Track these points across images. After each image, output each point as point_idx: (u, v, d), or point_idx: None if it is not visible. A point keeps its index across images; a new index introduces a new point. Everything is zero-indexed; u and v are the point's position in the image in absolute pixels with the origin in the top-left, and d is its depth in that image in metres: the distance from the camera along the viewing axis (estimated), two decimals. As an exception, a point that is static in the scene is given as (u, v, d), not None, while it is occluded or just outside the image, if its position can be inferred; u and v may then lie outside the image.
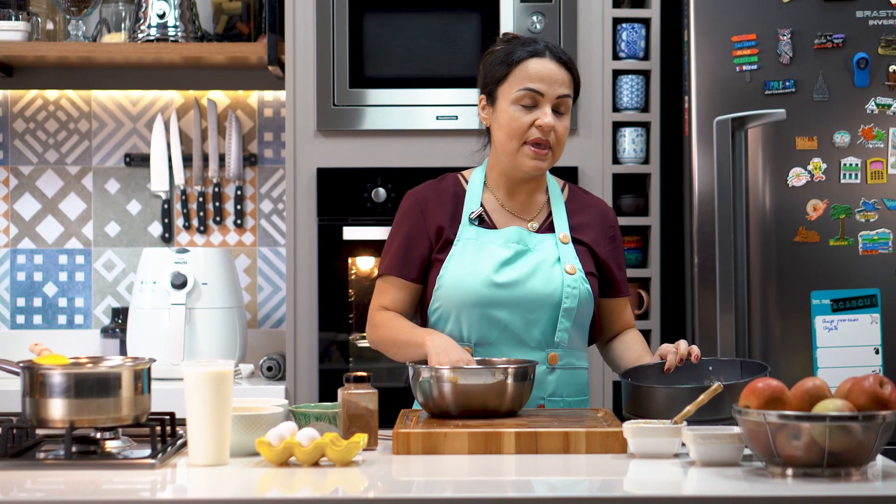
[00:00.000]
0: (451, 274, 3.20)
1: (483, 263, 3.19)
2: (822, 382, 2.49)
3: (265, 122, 4.91)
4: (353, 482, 2.50)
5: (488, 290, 3.17)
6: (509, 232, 3.23)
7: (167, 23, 4.60)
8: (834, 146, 4.12)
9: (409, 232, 3.28)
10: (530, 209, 3.30)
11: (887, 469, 2.56)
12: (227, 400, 2.62)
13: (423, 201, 3.29)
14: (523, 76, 3.19)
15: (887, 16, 4.12)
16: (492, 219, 3.27)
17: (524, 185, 3.28)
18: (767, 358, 4.11)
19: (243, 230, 4.91)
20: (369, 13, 4.33)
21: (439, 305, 3.22)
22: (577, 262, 3.22)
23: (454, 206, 3.28)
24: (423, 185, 3.35)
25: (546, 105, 3.17)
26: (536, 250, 3.22)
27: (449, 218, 3.26)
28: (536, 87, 3.17)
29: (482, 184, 3.31)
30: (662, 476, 2.54)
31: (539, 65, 3.19)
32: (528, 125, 3.17)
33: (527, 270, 3.19)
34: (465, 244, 3.22)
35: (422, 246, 3.26)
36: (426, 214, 3.27)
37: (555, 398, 3.20)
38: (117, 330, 4.68)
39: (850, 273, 4.12)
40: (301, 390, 4.32)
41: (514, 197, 3.29)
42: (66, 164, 4.89)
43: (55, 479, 2.51)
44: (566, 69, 3.21)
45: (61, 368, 2.65)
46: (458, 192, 3.31)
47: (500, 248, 3.21)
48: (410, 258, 3.26)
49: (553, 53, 3.21)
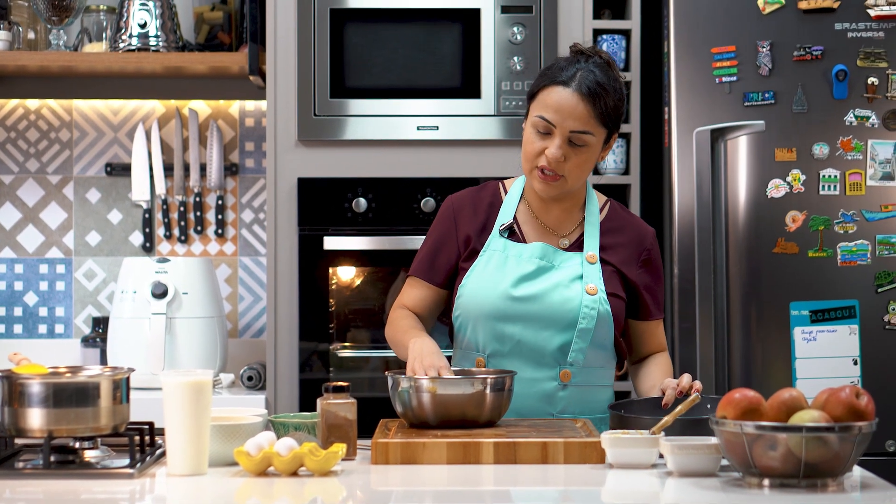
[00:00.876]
0: (471, 284, 3.19)
1: (504, 277, 3.17)
2: (798, 393, 2.50)
3: (246, 131, 4.91)
4: (331, 492, 2.50)
5: (504, 304, 3.15)
6: (535, 247, 3.19)
7: (148, 32, 4.60)
8: (813, 158, 4.14)
9: (440, 237, 3.27)
10: (565, 225, 3.24)
11: (864, 480, 2.57)
12: (206, 410, 2.62)
13: (458, 208, 3.28)
14: (543, 103, 3.10)
15: (866, 28, 4.14)
16: (523, 231, 3.24)
17: (558, 201, 3.23)
18: (747, 368, 4.12)
19: (224, 240, 4.91)
20: (350, 23, 4.34)
21: (459, 314, 3.22)
22: (601, 283, 3.17)
23: (487, 215, 3.26)
24: (464, 191, 3.32)
25: (557, 136, 3.08)
26: (561, 268, 3.18)
27: (479, 228, 3.24)
28: (549, 118, 3.08)
29: (520, 195, 3.27)
30: (640, 486, 2.54)
31: (559, 95, 3.08)
32: (539, 152, 3.11)
33: (546, 287, 3.16)
34: (490, 255, 3.21)
35: (449, 252, 3.26)
36: (458, 222, 3.26)
37: (565, 415, 3.17)
38: (98, 339, 4.67)
39: (829, 284, 4.13)
40: (281, 400, 4.32)
41: (549, 211, 3.24)
42: (47, 174, 4.89)
43: (34, 489, 2.51)
44: (588, 104, 3.07)
45: (40, 378, 2.65)
46: (495, 202, 3.28)
47: (523, 262, 3.18)
48: (437, 263, 3.26)
49: (580, 85, 3.08)
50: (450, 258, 3.26)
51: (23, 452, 2.81)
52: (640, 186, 4.40)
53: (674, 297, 4.16)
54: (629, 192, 4.41)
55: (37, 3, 4.58)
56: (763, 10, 4.15)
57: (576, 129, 3.08)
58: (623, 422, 2.86)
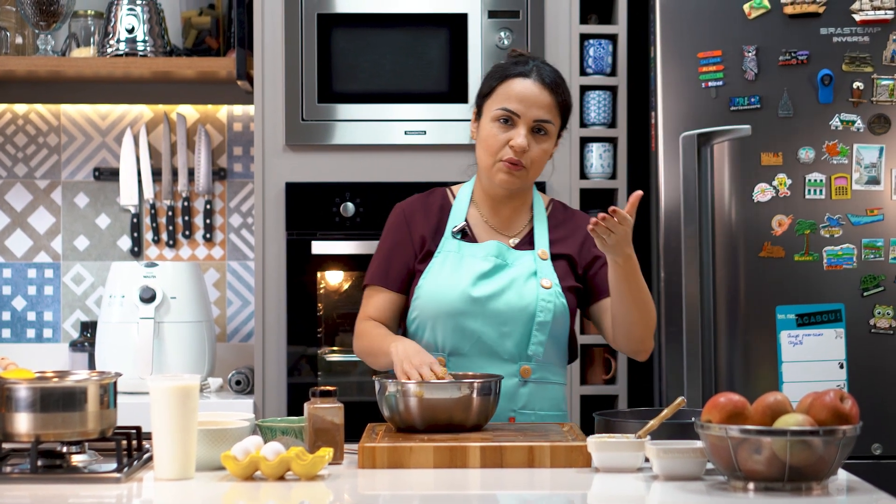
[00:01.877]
0: (428, 284, 3.23)
1: (461, 276, 3.22)
2: (783, 397, 2.51)
3: (234, 136, 4.92)
4: (318, 496, 2.51)
5: (464, 302, 3.20)
6: (489, 246, 3.25)
7: (136, 37, 4.61)
8: (799, 162, 4.15)
9: (394, 243, 3.31)
10: (513, 226, 3.32)
11: (849, 483, 2.59)
12: (193, 414, 2.62)
13: (410, 213, 3.33)
14: (504, 95, 3.21)
15: (851, 33, 4.15)
16: (474, 233, 3.30)
17: (508, 202, 3.30)
18: (733, 372, 4.13)
19: (212, 244, 4.91)
20: (338, 28, 4.35)
21: (416, 315, 3.25)
22: (555, 278, 3.24)
23: (439, 219, 3.32)
24: (412, 198, 3.38)
25: (522, 126, 3.19)
26: (514, 265, 3.25)
27: (433, 230, 3.29)
28: (513, 108, 3.19)
29: (469, 199, 3.34)
30: (626, 490, 2.55)
31: (521, 85, 3.21)
32: (503, 144, 3.19)
33: (503, 284, 3.22)
34: (445, 256, 3.25)
35: (405, 256, 3.29)
36: (411, 226, 3.30)
37: (526, 411, 3.22)
38: (86, 344, 4.67)
39: (815, 288, 4.14)
40: (269, 404, 4.32)
41: (498, 213, 3.32)
42: (35, 178, 4.89)
43: (21, 493, 2.51)
44: (550, 93, 3.22)
45: (27, 382, 2.65)
46: (445, 205, 3.34)
47: (479, 261, 3.24)
48: (393, 268, 3.29)
49: (539, 75, 3.22)
50: (406, 262, 3.29)
51: (10, 457, 2.81)
52: (626, 191, 4.41)
53: (660, 301, 4.17)
54: (616, 197, 4.42)
55: (24, 7, 4.58)
56: (749, 15, 4.16)
57: (540, 117, 3.20)
58: (609, 426, 2.87)
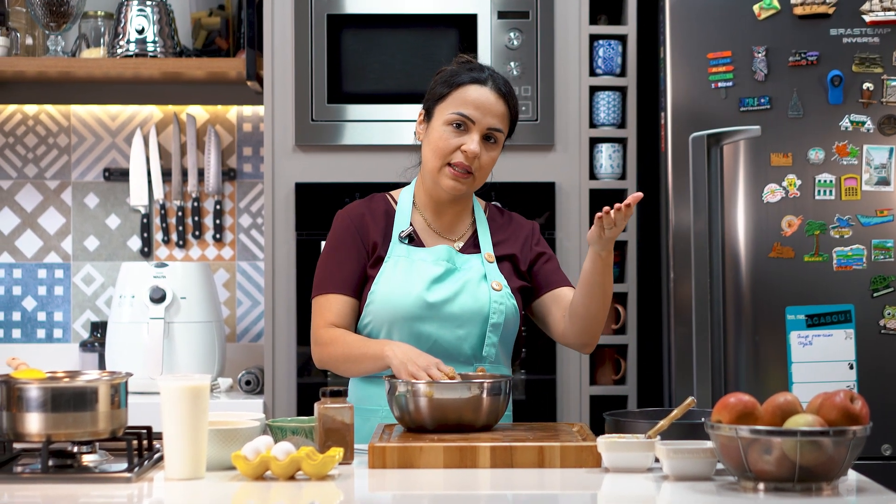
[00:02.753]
0: (382, 290, 3.23)
1: (414, 280, 3.23)
2: (793, 398, 2.51)
3: (244, 136, 4.92)
4: (328, 496, 2.51)
5: (419, 307, 3.21)
6: (439, 250, 3.27)
7: (146, 38, 4.61)
8: (808, 163, 4.15)
9: (345, 248, 3.30)
10: (456, 230, 3.35)
11: (859, 484, 2.58)
12: (204, 414, 2.63)
13: (357, 218, 3.32)
14: (460, 100, 3.23)
15: (861, 34, 4.15)
16: (420, 238, 3.31)
17: (451, 206, 3.33)
18: (742, 373, 4.13)
19: (222, 244, 4.92)
20: (347, 29, 4.35)
21: (370, 321, 3.24)
22: (503, 279, 3.28)
23: (386, 224, 3.33)
24: (354, 203, 3.39)
25: (475, 132, 3.21)
26: (464, 269, 3.27)
27: (382, 235, 3.30)
28: (469, 114, 3.21)
29: (411, 203, 3.35)
30: (636, 490, 2.55)
31: (477, 92, 3.23)
32: (454, 148, 3.21)
33: (456, 288, 3.24)
34: (396, 261, 3.26)
35: (358, 261, 3.29)
36: (361, 230, 3.31)
37: None
38: (96, 344, 4.68)
39: (825, 289, 4.14)
40: (279, 404, 4.33)
41: (441, 217, 3.34)
42: (46, 179, 4.90)
43: (32, 493, 2.52)
44: (504, 102, 3.25)
45: (38, 382, 2.66)
46: (389, 210, 3.35)
47: (430, 265, 3.25)
48: (347, 274, 3.28)
49: (495, 84, 3.25)
50: (360, 268, 3.29)
51: (21, 457, 2.82)
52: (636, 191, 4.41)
53: (670, 302, 4.17)
54: (625, 198, 4.41)
55: (35, 8, 4.59)
56: (759, 16, 4.16)
57: (493, 125, 3.23)
58: (619, 426, 2.87)
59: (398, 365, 3.03)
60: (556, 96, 4.36)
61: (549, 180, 4.34)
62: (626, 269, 4.43)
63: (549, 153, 4.35)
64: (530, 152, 4.31)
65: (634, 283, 4.40)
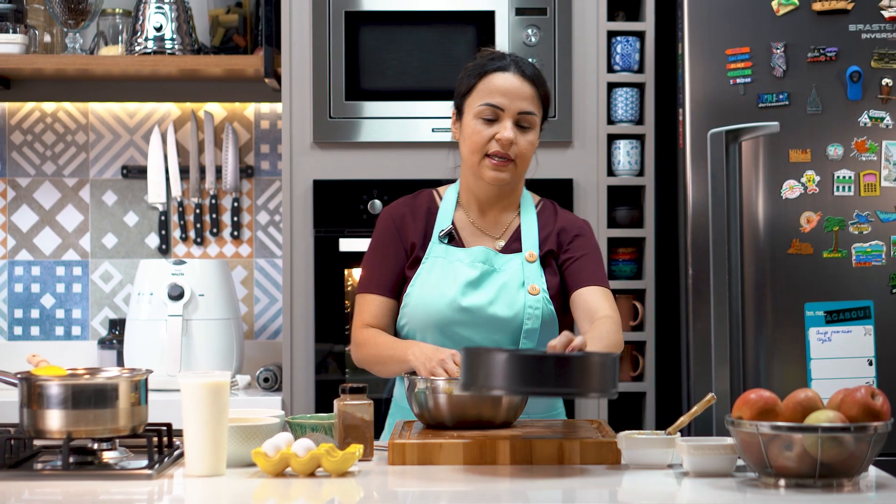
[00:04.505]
0: (417, 292, 3.21)
1: (449, 284, 3.19)
2: (814, 394, 2.51)
3: (262, 134, 4.93)
4: (348, 493, 2.51)
5: (452, 312, 3.18)
6: (476, 252, 3.23)
7: (164, 35, 4.62)
8: (827, 159, 4.14)
9: (386, 249, 3.29)
10: (500, 226, 3.30)
11: (880, 480, 2.58)
12: (224, 411, 2.63)
13: (399, 217, 3.31)
14: (486, 90, 3.19)
15: (880, 29, 4.14)
16: (461, 237, 3.28)
17: (495, 202, 3.28)
18: (761, 369, 4.12)
19: (240, 242, 4.93)
20: (365, 26, 4.35)
21: (406, 322, 3.23)
22: (542, 282, 3.21)
23: (426, 222, 3.29)
24: (399, 201, 3.36)
25: (507, 119, 3.17)
26: (503, 270, 3.22)
27: (421, 235, 3.27)
28: (497, 102, 3.18)
29: (455, 201, 3.32)
30: (656, 486, 2.55)
31: (501, 79, 3.19)
32: (489, 139, 3.17)
33: (491, 294, 3.19)
34: (433, 262, 3.23)
35: (398, 263, 3.27)
36: (401, 231, 3.29)
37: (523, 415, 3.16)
38: (114, 341, 4.69)
39: (844, 285, 4.13)
40: (297, 401, 4.33)
41: (485, 215, 3.30)
42: (64, 176, 4.91)
43: (53, 490, 2.53)
44: (531, 85, 3.21)
45: (58, 380, 2.66)
46: (432, 208, 3.32)
47: (466, 267, 3.21)
48: (387, 274, 3.27)
49: (518, 68, 3.21)
50: (398, 268, 3.27)
51: (42, 453, 2.83)
52: (654, 188, 4.41)
53: (688, 298, 4.17)
54: (643, 194, 4.41)
55: (53, 6, 4.60)
56: (777, 12, 4.15)
57: (524, 109, 3.18)
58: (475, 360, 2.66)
59: (419, 367, 3.03)
60: (574, 93, 4.36)
61: (568, 177, 4.33)
62: (644, 265, 4.42)
63: (567, 150, 4.35)
64: (548, 149, 4.30)
65: (653, 279, 4.40)
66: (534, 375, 2.57)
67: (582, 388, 2.60)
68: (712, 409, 4.04)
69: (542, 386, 2.58)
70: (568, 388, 2.60)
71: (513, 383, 2.58)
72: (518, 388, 2.60)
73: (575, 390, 2.61)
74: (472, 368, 2.64)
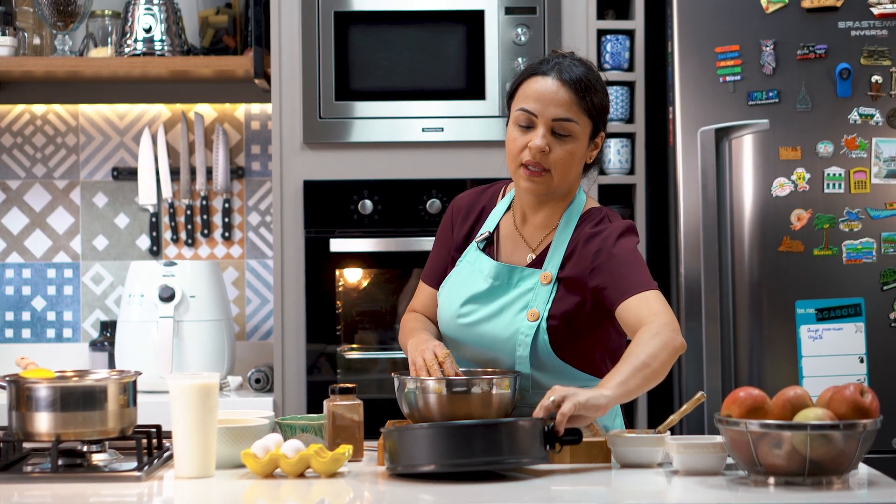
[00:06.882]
0: (441, 295, 3.18)
1: (459, 294, 3.11)
2: (803, 391, 2.51)
3: (252, 134, 4.92)
4: (338, 493, 2.51)
5: (454, 325, 3.11)
6: (497, 267, 3.08)
7: (153, 37, 4.61)
8: (817, 156, 4.14)
9: (441, 241, 3.24)
10: (536, 237, 3.11)
11: (870, 478, 2.58)
12: (213, 412, 2.63)
13: (456, 212, 3.23)
14: (523, 95, 3.01)
15: (869, 26, 4.14)
16: (500, 244, 3.14)
17: (538, 209, 3.10)
18: (752, 367, 4.12)
19: (231, 243, 4.92)
20: (354, 26, 4.35)
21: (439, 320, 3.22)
22: (546, 306, 3.02)
23: (476, 222, 3.19)
24: (468, 192, 3.25)
25: (540, 126, 2.97)
26: (517, 287, 3.07)
27: (466, 234, 3.19)
28: (530, 108, 2.98)
29: (509, 203, 3.18)
30: (646, 485, 2.55)
31: (537, 84, 2.99)
32: (522, 147, 2.99)
33: (491, 311, 3.07)
34: (461, 268, 3.16)
35: (447, 255, 3.22)
36: (454, 226, 3.22)
37: None
38: (106, 343, 4.69)
39: (835, 282, 4.13)
40: (289, 402, 4.33)
41: (528, 223, 3.12)
42: (54, 178, 4.90)
43: (42, 493, 2.52)
44: (571, 91, 2.97)
45: (47, 382, 2.66)
46: (488, 206, 3.20)
47: (480, 280, 3.09)
48: (438, 266, 3.23)
49: (559, 73, 2.98)
50: (446, 261, 3.21)
51: (31, 456, 2.82)
52: (645, 186, 4.41)
53: (680, 296, 4.17)
54: (634, 192, 4.41)
55: (42, 8, 4.59)
56: (766, 10, 4.15)
57: (558, 116, 2.97)
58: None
59: (409, 360, 3.02)
60: (564, 92, 4.35)
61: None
62: (635, 264, 4.42)
63: (557, 149, 4.34)
64: (538, 148, 4.30)
65: (644, 278, 4.39)
66: (460, 448, 2.57)
67: (514, 455, 2.59)
68: (703, 408, 4.04)
69: (471, 457, 2.57)
70: (496, 457, 2.58)
71: (439, 457, 2.58)
72: (444, 462, 2.58)
73: (505, 459, 2.59)
74: (395, 447, 2.63)
